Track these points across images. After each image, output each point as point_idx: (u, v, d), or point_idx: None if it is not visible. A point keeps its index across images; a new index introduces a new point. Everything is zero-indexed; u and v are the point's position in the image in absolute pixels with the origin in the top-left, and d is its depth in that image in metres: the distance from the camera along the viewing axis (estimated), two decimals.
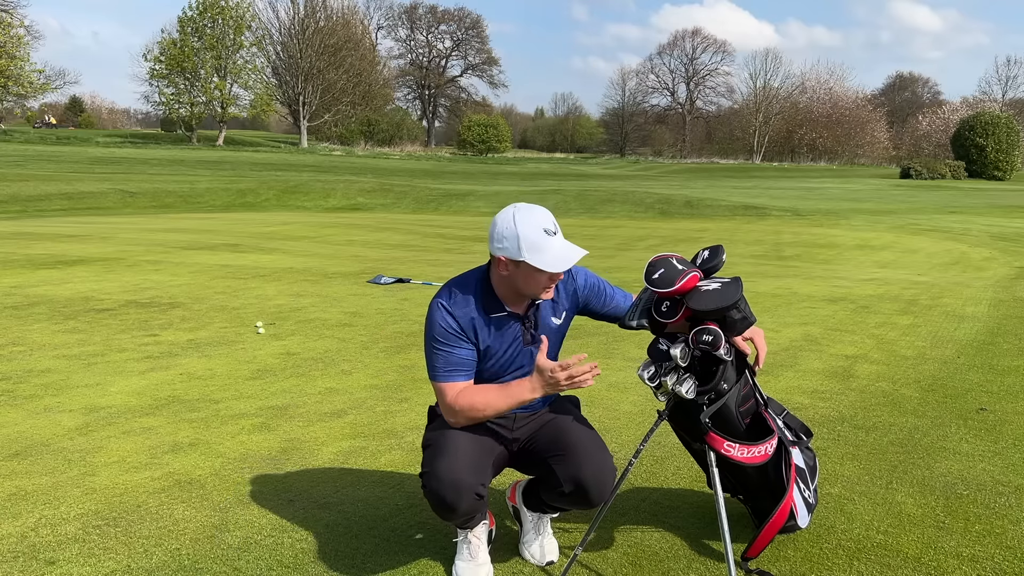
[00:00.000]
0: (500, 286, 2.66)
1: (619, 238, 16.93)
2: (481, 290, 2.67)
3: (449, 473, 2.52)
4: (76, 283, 9.12)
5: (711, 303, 2.56)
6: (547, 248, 2.52)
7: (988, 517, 3.24)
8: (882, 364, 5.86)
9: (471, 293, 2.66)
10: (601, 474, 2.62)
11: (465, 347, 2.63)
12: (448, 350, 2.62)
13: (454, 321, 2.62)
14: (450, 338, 2.62)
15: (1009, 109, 70.57)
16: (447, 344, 2.62)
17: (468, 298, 2.65)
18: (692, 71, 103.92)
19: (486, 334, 2.66)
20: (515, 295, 2.66)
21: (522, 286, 2.60)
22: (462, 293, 2.66)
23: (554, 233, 2.55)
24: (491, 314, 2.65)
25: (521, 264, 2.54)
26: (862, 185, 39.99)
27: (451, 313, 2.62)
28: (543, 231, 2.53)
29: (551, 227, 2.56)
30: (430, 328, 2.65)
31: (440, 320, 2.62)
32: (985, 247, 15.14)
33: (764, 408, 2.93)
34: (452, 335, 2.62)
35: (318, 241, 15.02)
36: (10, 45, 59.29)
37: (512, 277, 2.60)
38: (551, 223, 2.57)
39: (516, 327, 2.70)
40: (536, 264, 2.52)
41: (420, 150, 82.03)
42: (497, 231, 2.56)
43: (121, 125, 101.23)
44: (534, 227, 2.53)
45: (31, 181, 25.87)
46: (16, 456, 3.85)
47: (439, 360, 2.62)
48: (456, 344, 2.62)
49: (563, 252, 2.55)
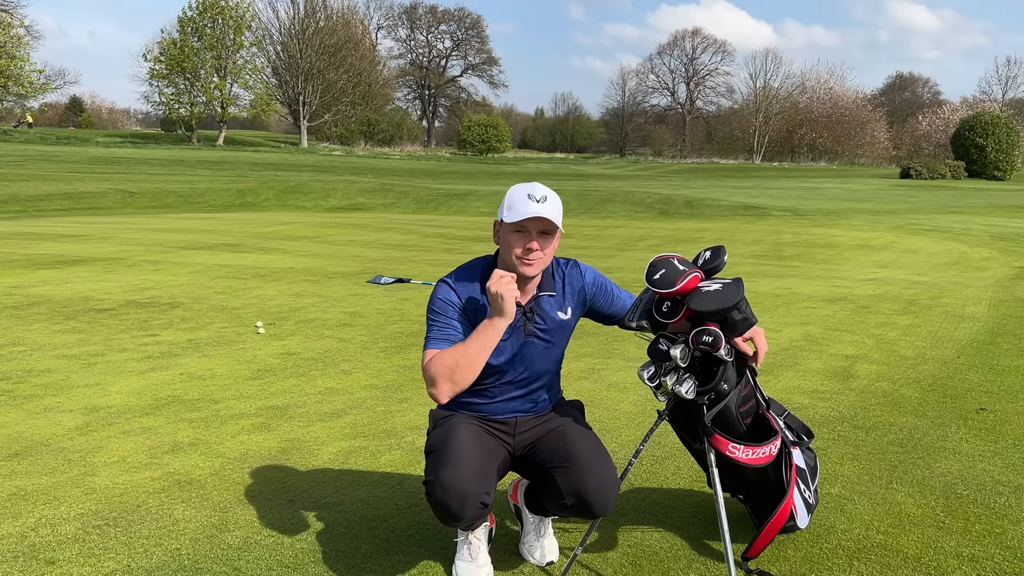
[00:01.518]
0: (500, 266, 2.71)
1: (619, 238, 16.93)
2: (484, 271, 2.73)
3: (454, 482, 2.50)
4: (76, 283, 9.12)
5: (712, 304, 2.56)
6: (520, 207, 2.59)
7: (988, 517, 3.25)
8: (882, 364, 5.86)
9: (476, 274, 2.73)
10: (604, 487, 2.60)
11: (459, 322, 2.67)
12: (443, 321, 2.67)
13: (455, 295, 2.69)
14: (447, 310, 2.68)
15: (1009, 109, 70.49)
16: (443, 315, 2.67)
17: (473, 277, 2.73)
18: (692, 71, 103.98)
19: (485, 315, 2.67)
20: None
21: (504, 254, 2.67)
22: (468, 273, 2.75)
23: (539, 200, 2.60)
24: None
25: (501, 226, 2.65)
26: (862, 185, 39.99)
27: (454, 289, 2.70)
28: (527, 195, 2.61)
29: (538, 195, 2.61)
30: (431, 301, 2.72)
31: (441, 293, 2.70)
32: (985, 247, 15.14)
33: (766, 409, 2.93)
34: (449, 307, 2.68)
35: (318, 241, 15.02)
36: (10, 45, 59.23)
37: (499, 244, 2.69)
38: (541, 193, 2.62)
39: (516, 316, 2.70)
40: (504, 219, 2.61)
41: (420, 150, 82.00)
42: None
43: (121, 125, 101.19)
44: (521, 191, 2.64)
45: (31, 181, 25.86)
46: (16, 456, 3.85)
47: (433, 330, 2.68)
48: (451, 316, 2.67)
49: (528, 207, 2.59)
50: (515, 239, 2.61)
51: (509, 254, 2.64)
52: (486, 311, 2.66)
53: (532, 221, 2.59)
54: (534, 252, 2.62)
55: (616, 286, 2.89)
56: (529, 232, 2.61)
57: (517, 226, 2.60)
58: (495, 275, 2.57)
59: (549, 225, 2.62)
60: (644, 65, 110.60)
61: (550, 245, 2.65)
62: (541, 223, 2.60)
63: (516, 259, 2.62)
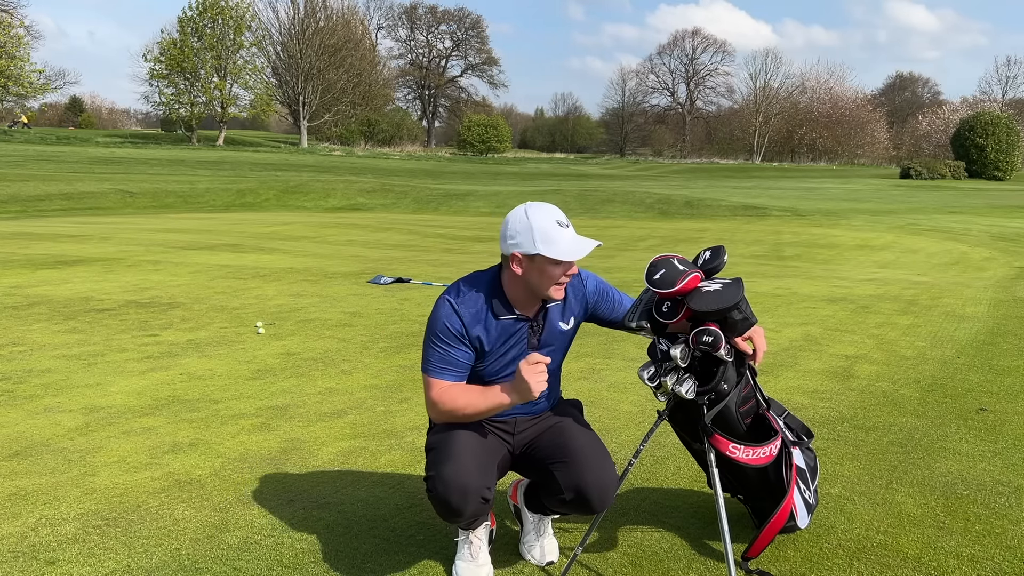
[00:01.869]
0: (512, 287, 2.63)
1: (619, 238, 16.92)
2: (491, 291, 2.64)
3: (456, 477, 2.51)
4: (76, 283, 9.12)
5: (712, 304, 2.56)
6: (560, 239, 2.52)
7: (988, 517, 3.25)
8: (882, 364, 5.86)
9: (481, 294, 2.64)
10: (602, 482, 2.61)
11: (462, 349, 2.62)
12: (445, 348, 2.61)
13: (458, 321, 2.60)
14: (451, 337, 2.60)
15: (1009, 109, 70.50)
16: (446, 342, 2.61)
17: (478, 298, 2.63)
18: (692, 71, 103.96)
19: (490, 336, 2.63)
20: (527, 296, 2.64)
21: (536, 283, 2.58)
22: (472, 293, 2.64)
23: (566, 226, 2.56)
24: (499, 317, 2.63)
25: (536, 258, 2.53)
26: (862, 185, 39.99)
27: (457, 312, 2.61)
28: (556, 223, 2.54)
29: (563, 220, 2.57)
30: (432, 323, 2.64)
31: (444, 318, 2.61)
32: (985, 247, 15.14)
33: (767, 409, 2.93)
34: (453, 335, 2.60)
35: (318, 241, 15.02)
36: (10, 45, 59.22)
37: (526, 274, 2.57)
38: (563, 217, 2.59)
39: (523, 330, 2.68)
40: (550, 255, 2.51)
41: (420, 150, 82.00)
42: (510, 228, 2.55)
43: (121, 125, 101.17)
44: (547, 219, 2.53)
45: (31, 181, 25.86)
46: (16, 456, 3.85)
47: (434, 355, 2.62)
48: (454, 345, 2.61)
49: (577, 242, 2.55)
50: (555, 269, 2.56)
51: (546, 283, 2.58)
52: (492, 331, 2.63)
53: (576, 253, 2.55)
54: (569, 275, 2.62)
55: (617, 291, 2.88)
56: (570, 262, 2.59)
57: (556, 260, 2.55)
58: (532, 365, 2.49)
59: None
60: (644, 65, 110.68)
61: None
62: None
63: (551, 289, 2.59)
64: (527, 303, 2.66)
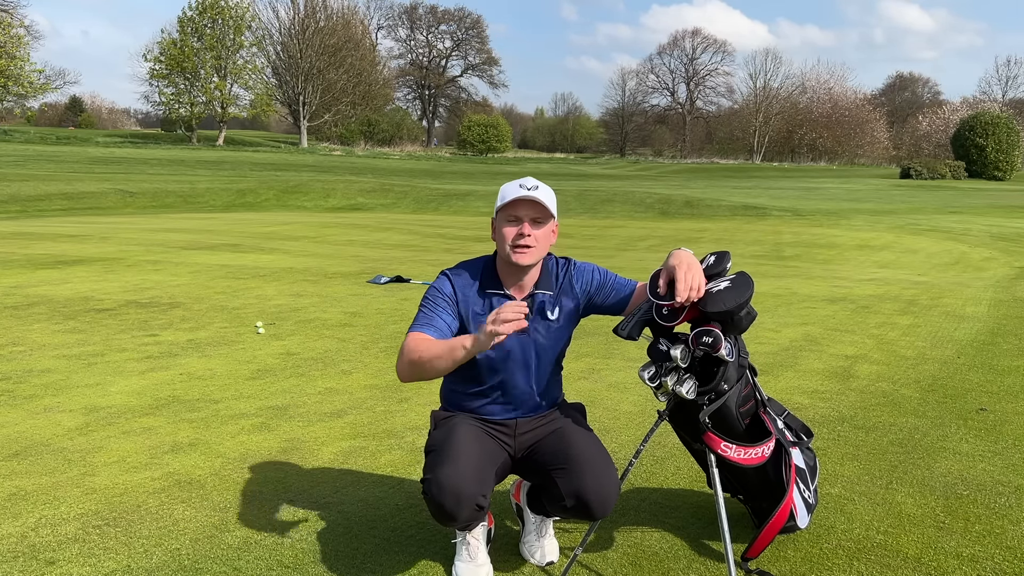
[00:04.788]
0: (500, 265, 2.75)
1: (619, 238, 16.91)
2: (484, 268, 2.78)
3: (451, 482, 2.50)
4: (76, 283, 9.12)
5: (730, 301, 2.55)
6: (511, 194, 2.64)
7: (988, 517, 3.24)
8: (882, 364, 5.86)
9: (476, 270, 2.78)
10: (604, 489, 2.60)
11: (448, 314, 2.70)
12: (431, 310, 2.70)
13: (450, 287, 2.73)
14: (438, 299, 2.71)
15: (1009, 109, 70.50)
16: (434, 303, 2.71)
17: (473, 271, 2.78)
18: (692, 71, 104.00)
19: (479, 308, 2.71)
20: (513, 275, 2.73)
21: (499, 247, 2.69)
22: (468, 268, 2.80)
23: (529, 188, 2.64)
24: (487, 289, 2.74)
25: (496, 217, 2.69)
26: (862, 185, 39.99)
27: (451, 280, 2.75)
28: (518, 185, 2.66)
29: (529, 184, 2.66)
30: (428, 288, 2.78)
31: (438, 283, 2.76)
32: (985, 247, 15.14)
33: (763, 409, 2.93)
34: (441, 298, 2.71)
35: (318, 241, 15.02)
36: (10, 45, 59.25)
37: (495, 239, 2.71)
38: (532, 183, 2.67)
39: None
40: (497, 208, 2.66)
41: (420, 150, 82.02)
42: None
43: (121, 125, 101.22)
44: (513, 183, 2.69)
45: (31, 181, 25.86)
46: (16, 456, 3.85)
47: (419, 316, 2.71)
48: (441, 307, 2.70)
49: (518, 193, 2.63)
50: (508, 228, 2.64)
51: (504, 245, 2.65)
52: (480, 302, 2.72)
53: (523, 205, 2.62)
54: (526, 238, 2.62)
55: (616, 276, 2.84)
56: (521, 219, 2.63)
57: (509, 214, 2.64)
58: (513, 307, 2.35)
59: (541, 211, 2.64)
60: (644, 65, 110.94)
61: (543, 233, 2.66)
62: (532, 207, 2.63)
63: (510, 249, 2.63)
64: (514, 282, 2.74)
